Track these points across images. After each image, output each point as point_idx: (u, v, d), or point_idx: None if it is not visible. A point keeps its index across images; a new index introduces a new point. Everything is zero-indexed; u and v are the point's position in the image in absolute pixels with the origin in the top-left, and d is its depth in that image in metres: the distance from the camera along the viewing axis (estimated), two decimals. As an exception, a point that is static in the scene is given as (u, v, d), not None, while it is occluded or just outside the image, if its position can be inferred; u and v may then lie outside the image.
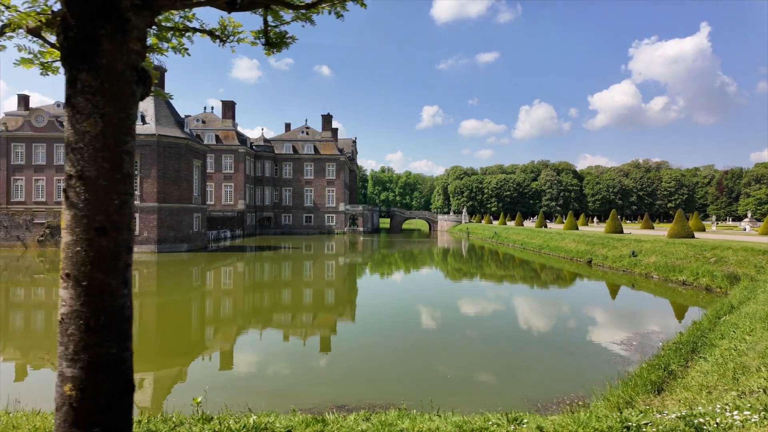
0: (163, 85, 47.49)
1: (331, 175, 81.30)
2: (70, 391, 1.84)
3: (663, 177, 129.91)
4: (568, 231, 46.95)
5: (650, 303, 21.46)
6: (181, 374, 12.03)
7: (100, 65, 1.91)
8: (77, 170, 1.89)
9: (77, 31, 1.88)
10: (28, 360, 13.10)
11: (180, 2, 2.25)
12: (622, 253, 32.40)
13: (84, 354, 1.86)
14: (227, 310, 20.80)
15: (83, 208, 1.89)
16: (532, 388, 10.22)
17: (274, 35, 2.81)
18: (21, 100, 64.59)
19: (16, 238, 45.89)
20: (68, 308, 1.88)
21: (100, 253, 1.91)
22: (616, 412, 5.99)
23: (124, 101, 1.98)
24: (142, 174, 42.58)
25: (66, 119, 1.94)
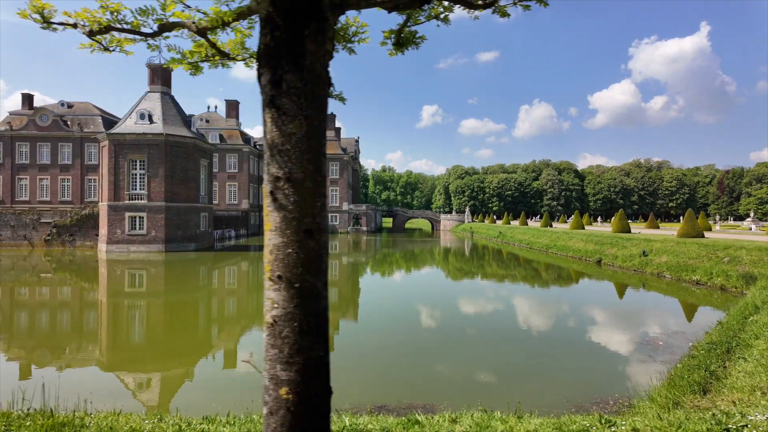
0: (169, 83, 47.47)
1: (334, 175, 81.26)
2: (286, 395, 1.83)
3: (664, 176, 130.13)
4: (575, 230, 46.99)
5: (668, 303, 21.50)
6: (194, 373, 12.00)
7: (304, 66, 1.89)
8: (285, 172, 1.87)
9: (284, 31, 1.87)
10: (54, 360, 13.06)
11: (364, 2, 2.23)
12: (632, 253, 32.44)
13: (299, 357, 1.85)
14: (238, 310, 20.76)
15: (293, 210, 1.87)
16: (567, 389, 10.22)
17: (406, 34, 2.80)
18: (25, 99, 64.37)
19: (23, 238, 45.77)
20: (281, 311, 1.86)
21: (309, 255, 1.90)
22: (706, 415, 5.99)
23: (321, 102, 1.97)
24: (150, 173, 42.49)
25: (269, 121, 1.92)
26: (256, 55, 2.02)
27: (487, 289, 26.44)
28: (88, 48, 2.76)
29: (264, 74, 1.95)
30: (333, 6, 1.96)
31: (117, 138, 42.37)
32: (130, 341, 15.57)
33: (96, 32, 2.67)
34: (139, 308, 21.08)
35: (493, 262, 40.75)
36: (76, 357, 13.48)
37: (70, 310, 20.37)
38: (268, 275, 1.90)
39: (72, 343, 15.00)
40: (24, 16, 2.64)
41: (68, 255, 41.28)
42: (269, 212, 1.91)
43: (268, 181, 1.93)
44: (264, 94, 1.95)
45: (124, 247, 41.91)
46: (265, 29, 1.90)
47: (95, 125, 63.00)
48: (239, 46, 2.80)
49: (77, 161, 61.68)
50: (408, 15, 2.67)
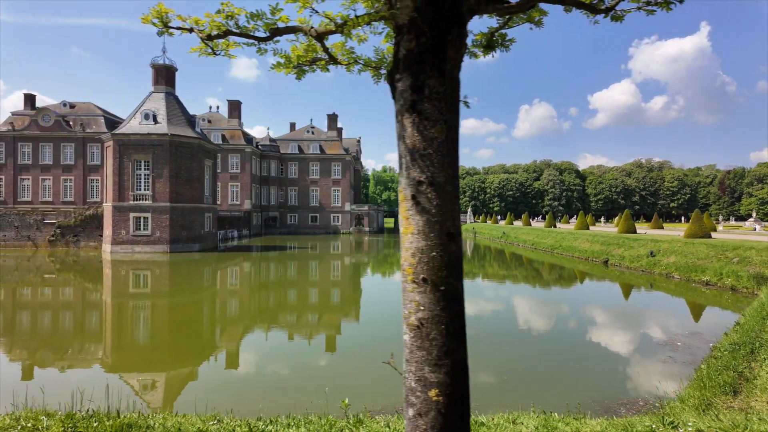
0: (173, 83, 47.45)
1: (336, 175, 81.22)
2: (436, 397, 1.83)
3: (665, 177, 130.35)
4: (580, 231, 47.04)
5: (679, 303, 21.53)
6: (198, 373, 11.99)
7: (446, 72, 1.90)
8: (427, 176, 1.87)
9: (429, 37, 1.87)
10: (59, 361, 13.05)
11: (492, 7, 2.24)
12: (639, 253, 32.50)
13: (447, 359, 1.86)
14: (244, 311, 20.70)
15: (435, 214, 1.88)
16: (592, 390, 10.23)
17: (498, 37, 2.82)
18: (27, 100, 64.25)
19: (27, 238, 45.70)
20: (428, 313, 1.87)
21: (452, 258, 1.91)
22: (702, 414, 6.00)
23: (457, 107, 1.98)
24: (155, 174, 42.45)
25: (408, 125, 1.93)
26: (393, 60, 2.03)
27: (496, 290, 26.46)
28: (197, 52, 2.77)
29: (403, 79, 1.95)
30: (470, 12, 1.98)
31: (122, 138, 42.34)
32: (136, 342, 15.55)
33: (214, 36, 2.68)
34: (145, 309, 21.05)
35: (499, 262, 40.76)
36: (82, 357, 13.50)
37: (76, 311, 20.35)
38: (410, 278, 1.91)
39: (80, 344, 14.99)
40: (146, 21, 2.65)
41: (72, 255, 41.22)
42: (410, 216, 1.92)
43: (409, 185, 1.94)
44: (402, 99, 1.96)
45: (128, 248, 41.86)
46: (409, 35, 1.91)
47: (97, 125, 62.92)
48: (345, 50, 2.81)
49: (79, 161, 61.58)
50: (507, 19, 2.68)
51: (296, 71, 2.86)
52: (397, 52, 2.00)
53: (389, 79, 2.03)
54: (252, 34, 2.67)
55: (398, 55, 1.98)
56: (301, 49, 2.71)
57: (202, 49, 2.78)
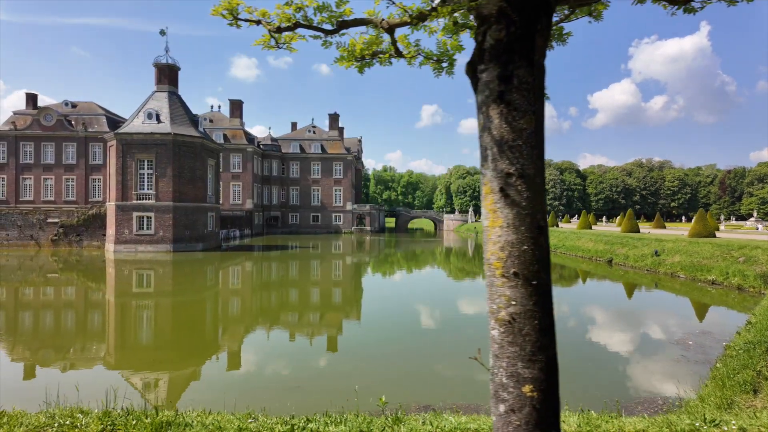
0: (176, 83, 47.38)
1: (338, 175, 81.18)
2: (530, 392, 1.81)
3: (666, 176, 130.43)
4: (583, 230, 47.03)
5: (686, 302, 21.53)
6: (200, 373, 11.95)
7: (534, 62, 1.87)
8: (517, 168, 1.85)
9: (518, 26, 1.85)
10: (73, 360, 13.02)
11: (575, 1, 2.22)
12: (643, 253, 32.49)
13: (540, 355, 1.83)
14: (247, 310, 20.63)
15: (526, 207, 1.85)
16: (608, 388, 10.21)
17: (555, 30, 2.78)
18: (29, 99, 64.18)
19: (30, 238, 45.62)
20: (520, 308, 1.84)
21: (542, 252, 1.88)
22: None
23: (543, 98, 1.95)
24: (158, 173, 42.39)
25: (495, 116, 1.90)
26: (477, 51, 2.00)
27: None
28: (259, 45, 2.73)
29: (489, 70, 1.92)
30: (557, 2, 1.95)
31: (125, 138, 42.27)
32: (139, 341, 15.58)
33: (283, 29, 2.65)
34: (151, 308, 21.02)
35: None
36: (86, 357, 13.51)
37: (83, 310, 20.31)
38: (500, 272, 1.88)
39: (85, 343, 14.98)
40: (216, 12, 2.62)
41: (75, 255, 41.14)
42: (498, 208, 1.89)
43: (496, 177, 1.91)
44: (488, 90, 1.93)
45: (132, 247, 41.81)
46: (498, 24, 1.88)
47: (99, 125, 62.87)
48: (408, 43, 2.76)
49: (81, 161, 61.53)
50: (570, 11, 2.64)
51: (358, 64, 2.82)
52: (481, 42, 1.97)
53: (470, 71, 2.00)
54: (320, 27, 2.65)
55: (483, 46, 1.96)
56: (362, 42, 2.68)
57: (266, 42, 2.74)
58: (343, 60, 2.75)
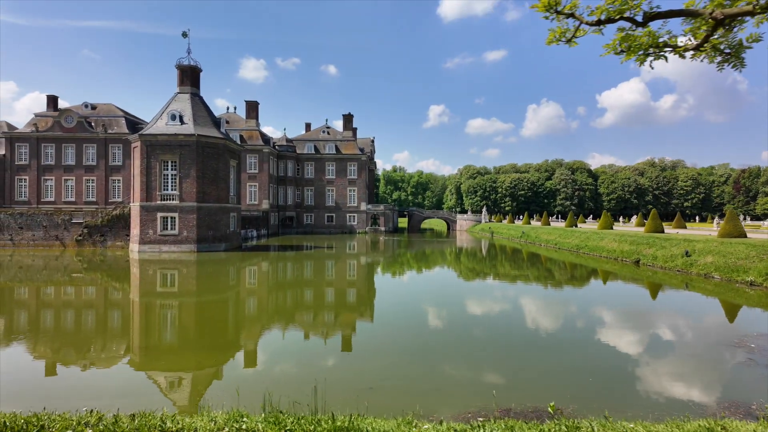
0: (198, 84, 47.66)
1: (352, 175, 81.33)
2: None
3: (679, 176, 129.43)
4: (604, 230, 46.77)
5: (731, 305, 21.28)
6: (222, 372, 12.00)
7: None
8: None
9: None
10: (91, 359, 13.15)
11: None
12: (672, 253, 32.26)
13: None
14: (276, 309, 20.51)
15: None
16: (689, 392, 10.14)
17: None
18: (50, 101, 64.86)
19: (55, 238, 46.12)
20: None
21: None
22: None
23: None
24: (182, 174, 42.69)
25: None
26: None
27: (540, 293, 26.29)
28: (552, 40, 2.76)
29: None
30: None
31: (149, 139, 42.60)
32: (165, 340, 15.74)
33: (603, 21, 2.69)
34: (174, 308, 21.14)
35: (532, 264, 40.35)
36: (118, 355, 13.69)
37: (111, 309, 20.49)
38: None
39: (117, 341, 15.20)
40: (538, 7, 2.65)
41: (99, 255, 41.49)
42: None
43: None
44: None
45: (156, 248, 42.15)
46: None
47: (119, 126, 63.44)
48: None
49: (101, 162, 62.12)
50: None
51: (641, 56, 2.84)
52: None
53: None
54: (632, 18, 2.66)
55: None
56: (644, 34, 2.69)
57: (558, 34, 2.77)
58: (631, 52, 2.77)
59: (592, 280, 30.21)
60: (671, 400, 9.50)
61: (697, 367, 12.20)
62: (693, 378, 11.23)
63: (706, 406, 9.16)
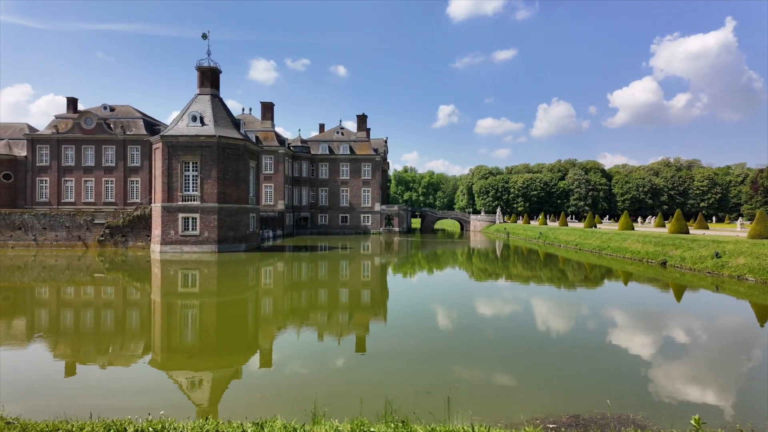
0: (218, 85, 47.95)
1: (366, 175, 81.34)
2: None
3: (695, 176, 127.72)
4: (626, 231, 46.23)
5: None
6: (242, 372, 11.95)
7: None
8: None
9: None
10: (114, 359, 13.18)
11: None
12: (701, 255, 31.77)
13: None
14: (297, 309, 20.44)
15: None
16: (753, 407, 9.91)
17: None
18: (70, 103, 65.64)
19: (77, 238, 46.65)
20: None
21: None
22: None
23: None
24: (203, 175, 42.96)
25: None
26: None
27: (578, 296, 25.94)
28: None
29: None
30: None
31: (170, 140, 42.91)
32: (186, 340, 15.84)
33: None
34: (195, 308, 21.24)
35: (555, 265, 39.58)
36: (137, 354, 13.83)
37: (134, 309, 20.59)
38: None
39: (140, 341, 15.39)
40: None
41: (121, 255, 41.84)
42: None
43: None
44: None
45: (177, 248, 42.44)
46: None
47: (137, 128, 64.05)
48: None
49: (120, 163, 62.76)
50: None
51: None
52: None
53: None
54: None
55: None
56: None
57: None
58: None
59: (627, 283, 29.79)
60: (734, 410, 9.28)
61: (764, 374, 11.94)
62: (760, 385, 10.98)
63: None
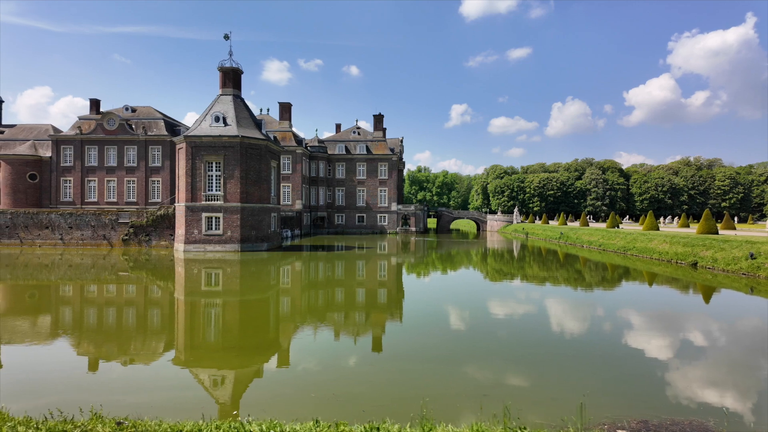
0: (240, 86, 48.25)
1: (383, 175, 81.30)
2: None
3: (716, 175, 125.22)
4: (651, 232, 45.42)
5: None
6: (263, 371, 11.88)
7: None
8: None
9: None
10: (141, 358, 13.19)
11: None
12: (735, 256, 31.04)
13: None
14: (319, 307, 20.33)
15: None
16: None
17: None
18: (93, 105, 66.67)
19: (102, 237, 47.35)
20: None
21: None
22: None
23: None
24: (226, 175, 43.27)
25: None
26: None
27: (614, 298, 25.56)
28: None
29: None
30: None
31: (194, 140, 43.30)
32: (210, 338, 15.99)
33: None
34: (219, 306, 21.44)
35: (585, 267, 38.14)
36: (163, 352, 13.98)
37: (159, 308, 20.73)
38: None
39: (165, 339, 15.56)
40: None
41: (145, 254, 42.26)
42: None
43: None
44: None
45: (201, 247, 42.82)
46: None
47: (158, 128, 64.83)
48: None
49: (142, 163, 63.58)
50: None
51: None
52: None
53: None
54: None
55: None
56: None
57: None
58: None
59: (660, 284, 29.21)
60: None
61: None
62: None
63: None
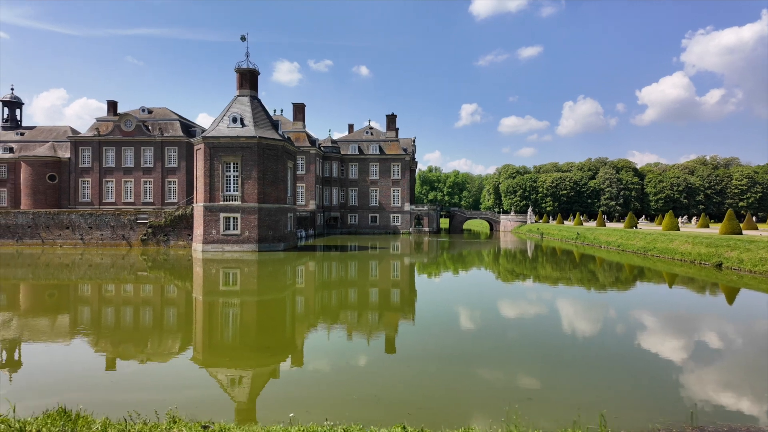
0: (256, 87, 48.49)
1: (396, 175, 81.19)
2: None
3: (733, 174, 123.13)
4: (672, 232, 44.77)
5: None
6: (280, 371, 11.85)
7: None
8: None
9: None
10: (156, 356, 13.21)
11: None
12: (761, 256, 30.46)
13: None
14: (336, 307, 20.29)
15: None
16: None
17: None
18: (110, 106, 67.52)
19: (122, 237, 47.92)
20: None
21: None
22: None
23: None
24: (244, 175, 43.52)
25: None
26: None
27: (645, 301, 25.23)
28: None
29: None
30: None
31: (212, 141, 43.61)
32: (228, 338, 16.11)
33: None
34: (237, 306, 21.65)
35: (609, 268, 36.33)
36: (183, 351, 14.15)
37: (178, 307, 20.85)
38: None
39: (186, 337, 15.72)
40: None
41: (163, 254, 42.63)
42: None
43: None
44: None
45: (218, 247, 43.12)
46: None
47: (174, 129, 65.46)
48: None
49: (158, 164, 64.23)
50: None
51: None
52: None
53: None
54: None
55: None
56: None
57: None
58: None
59: (690, 287, 28.75)
60: None
61: None
62: None
63: None
